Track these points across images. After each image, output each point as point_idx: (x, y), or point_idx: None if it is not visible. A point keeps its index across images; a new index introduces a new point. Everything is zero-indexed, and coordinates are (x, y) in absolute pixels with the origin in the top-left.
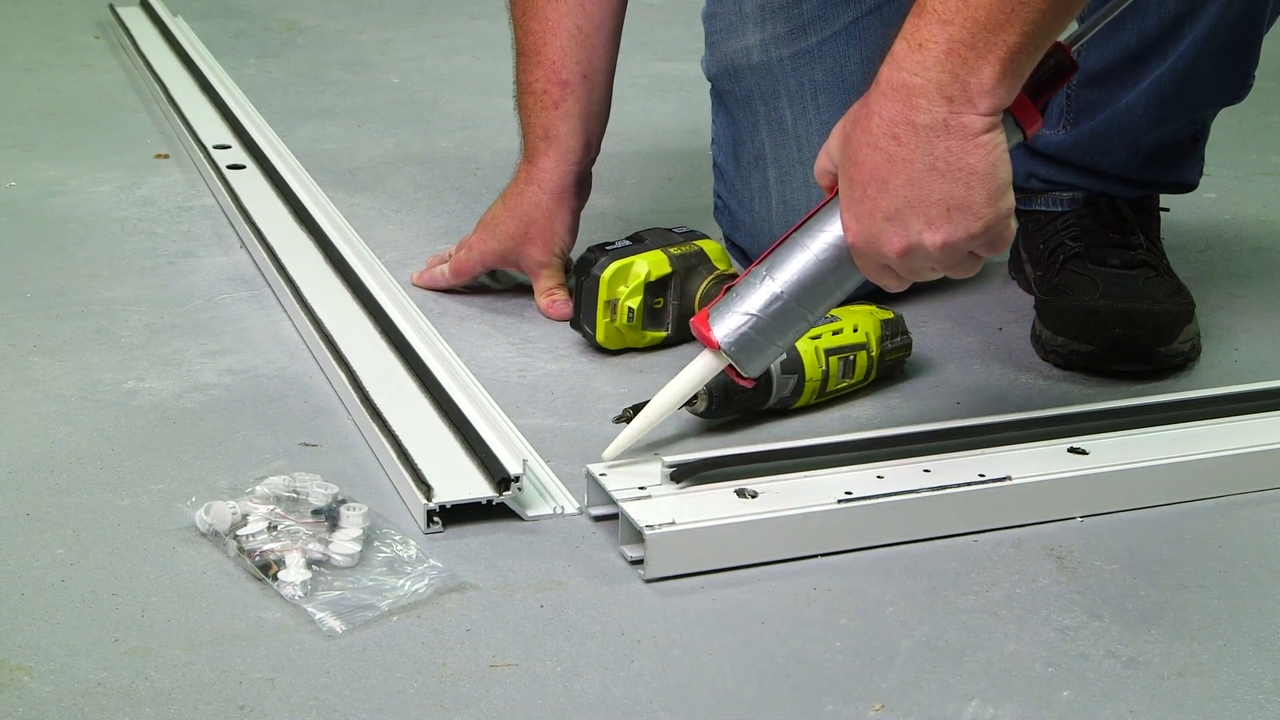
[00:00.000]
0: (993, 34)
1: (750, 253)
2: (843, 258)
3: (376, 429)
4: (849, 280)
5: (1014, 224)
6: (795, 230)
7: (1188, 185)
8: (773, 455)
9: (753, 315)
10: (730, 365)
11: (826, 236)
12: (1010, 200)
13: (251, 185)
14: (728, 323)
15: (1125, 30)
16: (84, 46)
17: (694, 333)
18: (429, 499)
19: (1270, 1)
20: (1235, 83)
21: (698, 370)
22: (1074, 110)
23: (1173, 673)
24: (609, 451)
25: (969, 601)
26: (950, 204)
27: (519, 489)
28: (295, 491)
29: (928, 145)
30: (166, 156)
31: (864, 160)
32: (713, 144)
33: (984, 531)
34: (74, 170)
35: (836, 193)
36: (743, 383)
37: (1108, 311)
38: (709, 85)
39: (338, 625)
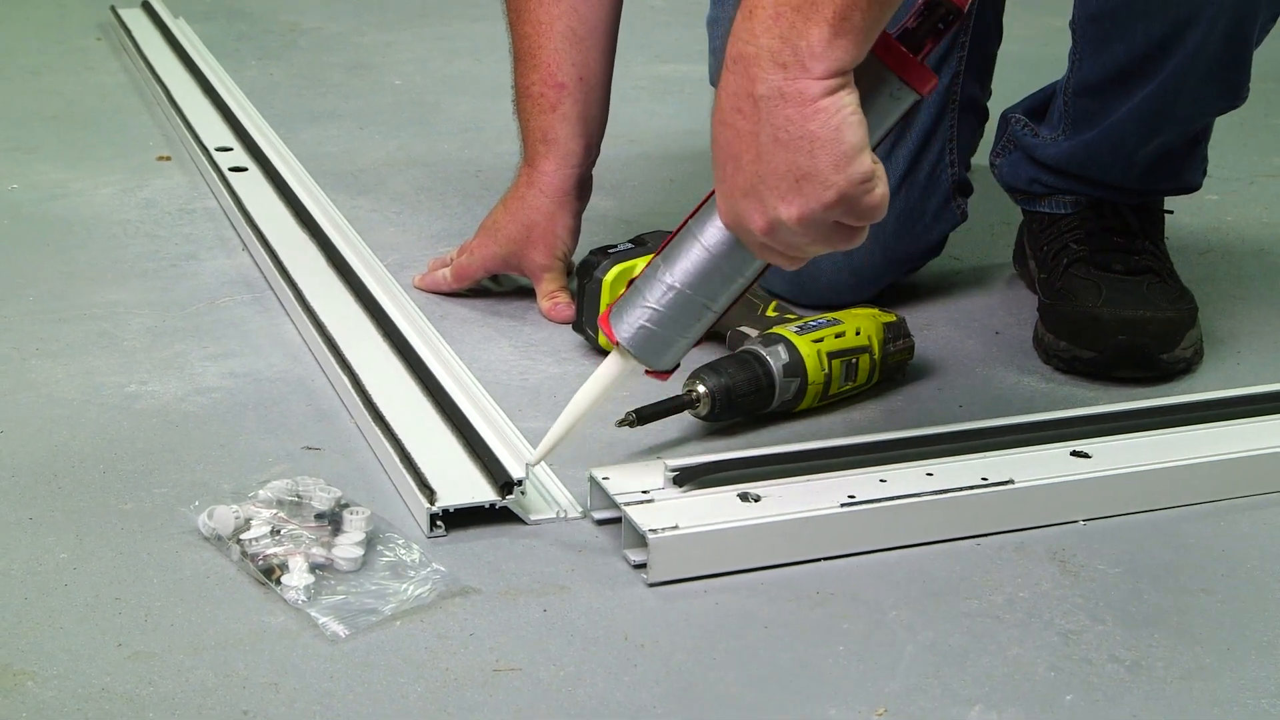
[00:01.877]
0: None
1: None
2: (731, 241)
3: (379, 432)
4: (747, 264)
5: (880, 189)
6: (688, 219)
7: (1190, 188)
8: (775, 459)
9: (650, 309)
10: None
11: (713, 221)
12: (864, 165)
13: (253, 188)
14: (628, 319)
15: (1115, 46)
16: (86, 48)
17: (601, 330)
18: (432, 503)
19: (1257, 20)
20: (1228, 95)
21: (606, 370)
22: (1071, 118)
23: (1176, 677)
24: (533, 457)
25: (972, 605)
26: (797, 174)
27: (522, 493)
28: (298, 495)
29: (768, 116)
30: (168, 159)
31: (719, 138)
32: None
33: (987, 535)
34: (76, 173)
35: None
36: (654, 376)
37: (1110, 318)
38: (712, 89)
39: (341, 630)
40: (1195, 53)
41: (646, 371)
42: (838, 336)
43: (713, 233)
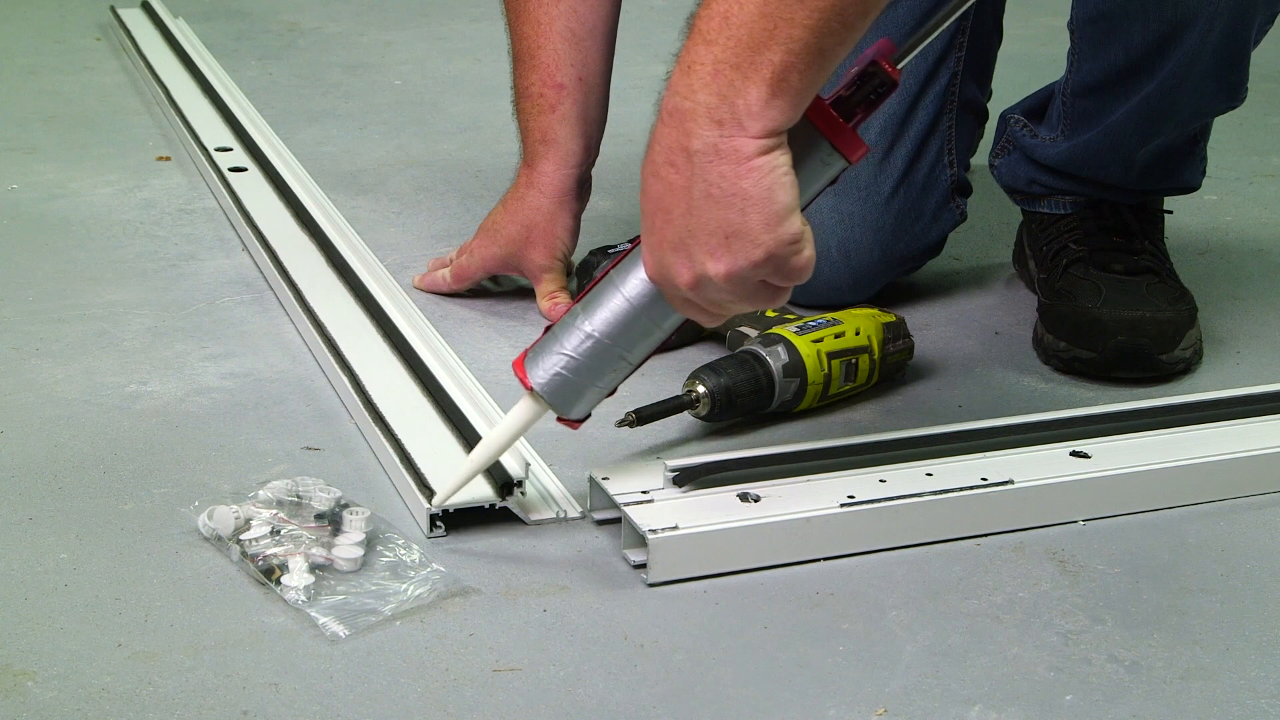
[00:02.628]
0: (756, 53)
1: None
2: (653, 294)
3: (379, 432)
4: (666, 317)
5: (807, 251)
6: (611, 267)
7: (1189, 188)
8: (775, 459)
9: (567, 356)
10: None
11: (636, 274)
12: (794, 226)
13: (253, 188)
14: (543, 365)
15: (1113, 48)
16: (85, 48)
17: (514, 375)
18: (431, 503)
19: (1255, 21)
20: (1226, 95)
21: (517, 415)
22: (1070, 119)
23: (1175, 677)
24: (438, 499)
25: (971, 606)
26: (727, 231)
27: (522, 493)
28: (298, 495)
29: (702, 171)
30: (168, 159)
31: (649, 190)
32: None
33: (986, 535)
34: (76, 173)
35: None
36: (565, 424)
37: (1110, 319)
38: None
39: (340, 630)
40: (1194, 53)
41: (558, 419)
42: (837, 337)
43: (635, 284)
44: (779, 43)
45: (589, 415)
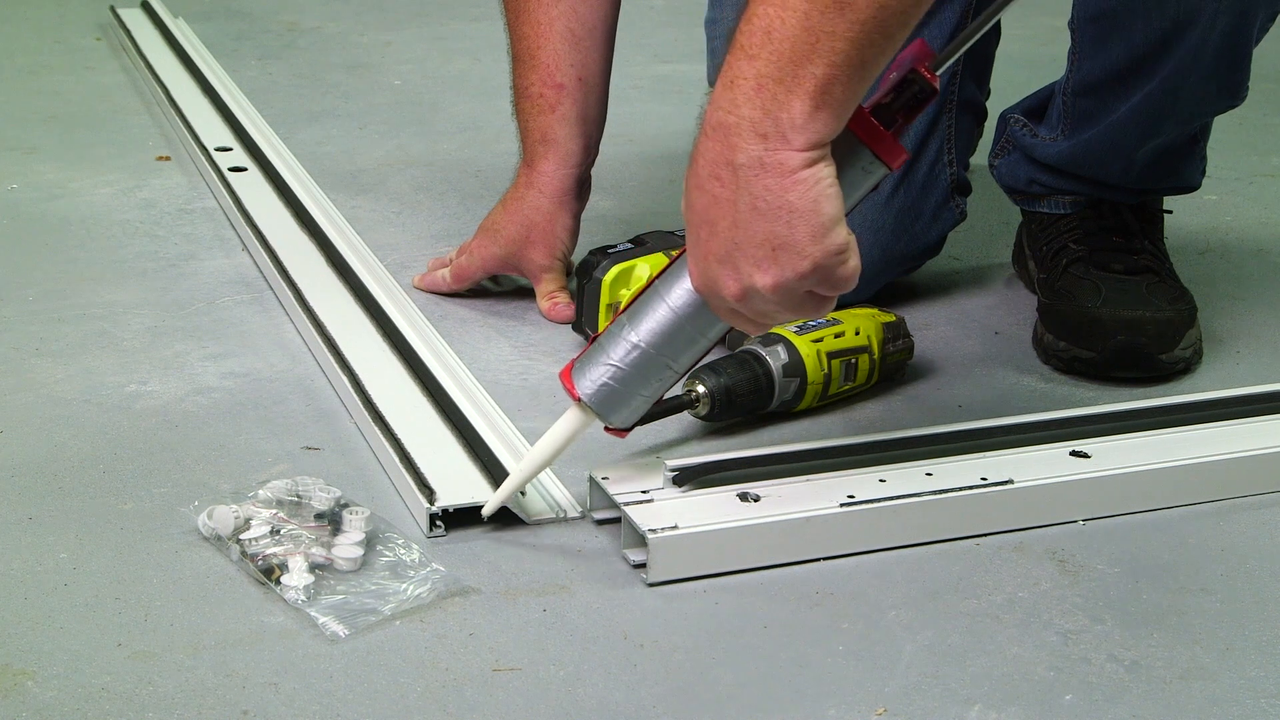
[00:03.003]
0: (799, 67)
1: None
2: (698, 304)
3: (379, 432)
4: (711, 327)
5: (853, 261)
6: (656, 278)
7: (1189, 187)
8: (775, 459)
9: (614, 366)
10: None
11: (681, 284)
12: (840, 237)
13: (253, 188)
14: (590, 375)
15: (1114, 47)
16: (85, 48)
17: (561, 385)
18: (431, 502)
19: (1256, 20)
20: (1227, 94)
21: (565, 425)
22: (1070, 118)
23: (1175, 676)
24: (488, 508)
25: (971, 605)
26: (774, 244)
27: (522, 493)
28: (298, 495)
29: (748, 185)
30: (168, 159)
31: (694, 203)
32: None
33: (986, 535)
34: (75, 173)
35: None
36: (613, 434)
37: (1110, 319)
38: (710, 88)
39: (340, 629)
40: (1195, 52)
41: (605, 428)
42: (837, 336)
43: (680, 294)
44: (821, 55)
45: (636, 425)
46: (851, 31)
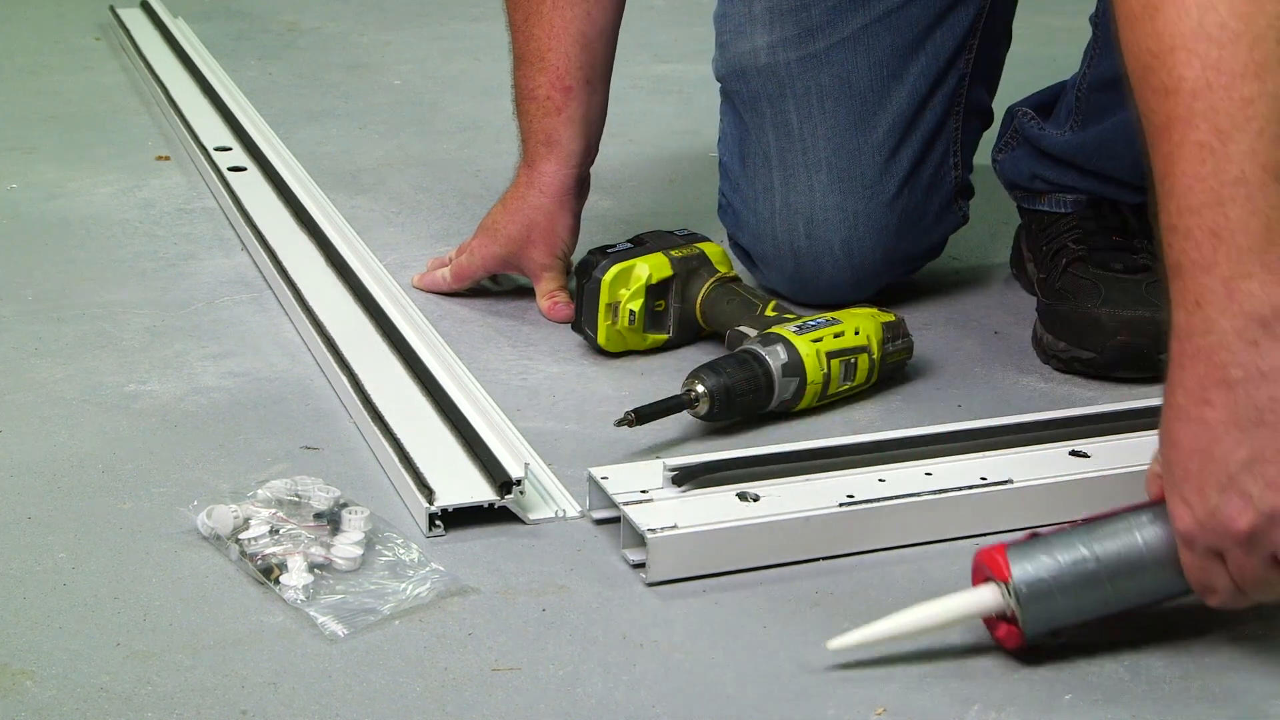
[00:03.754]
0: (1264, 253)
1: (753, 254)
2: (1171, 556)
3: (378, 432)
4: (1169, 586)
5: None
6: (1126, 510)
7: None
8: (774, 458)
9: (1059, 566)
10: (1011, 612)
11: (1161, 526)
12: None
13: (252, 187)
14: (1028, 565)
15: None
16: (85, 48)
17: (979, 560)
18: (431, 502)
19: None
20: None
21: (975, 599)
22: (1083, 112)
23: (1175, 676)
24: (838, 643)
25: None
26: None
27: (521, 492)
28: (297, 495)
29: (1246, 398)
30: (167, 159)
31: (1179, 438)
32: (719, 143)
33: (986, 535)
34: (75, 172)
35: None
36: (1014, 641)
37: (1109, 319)
38: (712, 86)
39: (340, 629)
40: None
41: (997, 632)
42: (836, 336)
43: (1155, 533)
44: (1274, 233)
45: (1036, 639)
46: None
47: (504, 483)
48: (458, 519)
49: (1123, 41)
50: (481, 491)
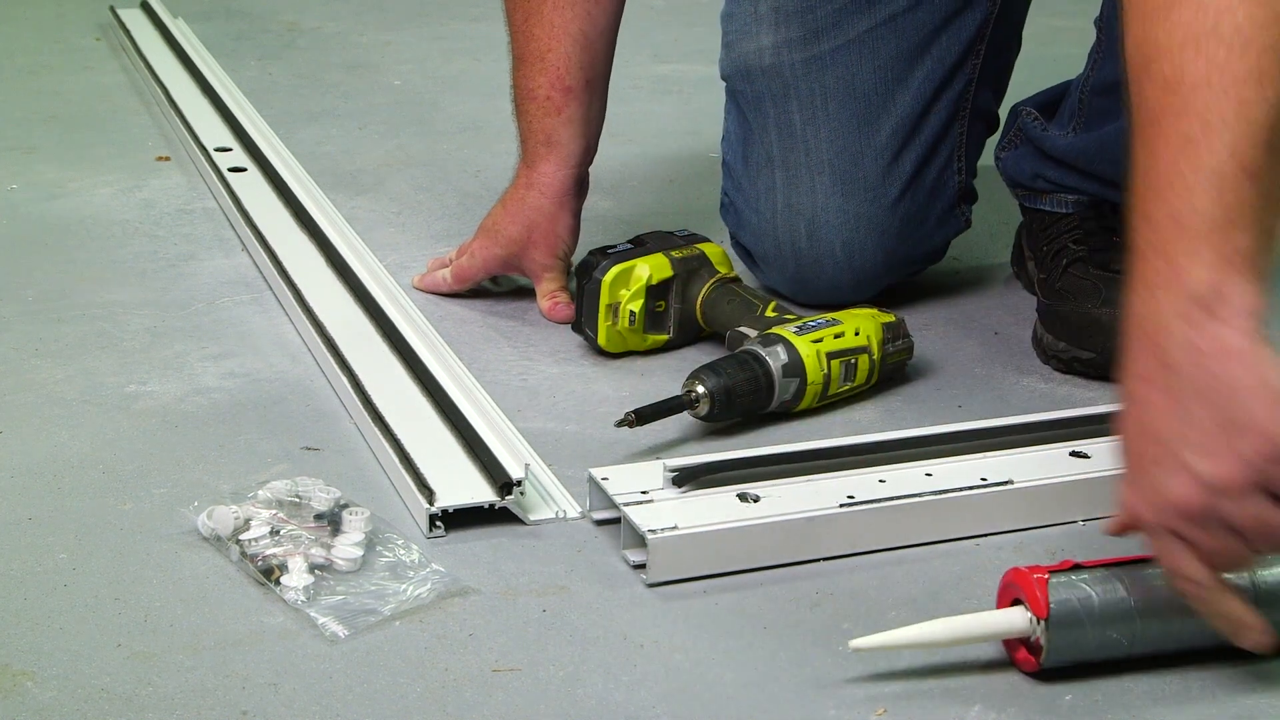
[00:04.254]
0: (1221, 243)
1: (755, 253)
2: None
3: (378, 433)
4: (1191, 627)
5: None
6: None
7: None
8: (774, 459)
9: (1089, 594)
10: (1035, 640)
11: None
12: None
13: (253, 188)
14: (1058, 593)
15: None
16: (84, 48)
17: (1013, 579)
18: (431, 503)
19: None
20: None
21: (1003, 619)
22: (1085, 115)
23: (1175, 676)
24: (858, 642)
25: (971, 605)
26: (1223, 424)
27: (521, 493)
28: (297, 496)
29: (1187, 379)
30: (167, 159)
31: (1128, 423)
32: (723, 142)
33: (986, 535)
34: (75, 173)
35: None
36: (1028, 661)
37: (1110, 319)
38: (713, 86)
39: (340, 630)
40: None
41: (1034, 662)
42: (837, 337)
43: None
44: (1239, 226)
45: (1050, 667)
46: (1259, 199)
47: (504, 483)
48: (458, 520)
49: (1130, 32)
50: (482, 492)
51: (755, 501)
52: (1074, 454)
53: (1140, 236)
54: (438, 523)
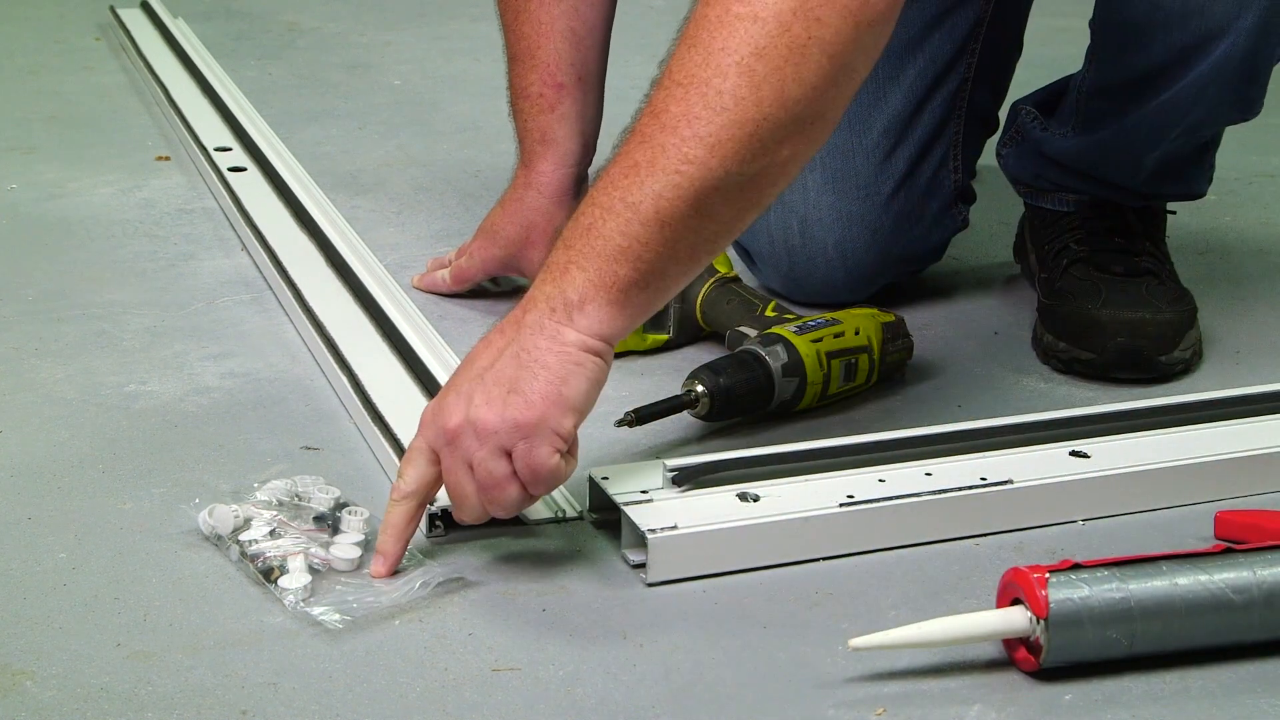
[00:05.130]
0: (606, 264)
1: (750, 250)
2: (1204, 608)
3: (378, 432)
4: (1192, 627)
5: (562, 465)
6: (1162, 557)
7: (1195, 194)
8: (774, 459)
9: (1088, 593)
10: (1034, 640)
11: (1199, 577)
12: (570, 422)
13: (252, 188)
14: (1058, 593)
15: (1134, 55)
16: (85, 48)
17: (1013, 579)
18: (431, 503)
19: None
20: (1241, 108)
21: (1005, 619)
22: (1083, 116)
23: (1175, 677)
24: (857, 641)
25: (971, 605)
26: (512, 386)
27: None
28: (297, 495)
29: (521, 339)
30: (167, 159)
31: (473, 353)
32: None
33: (985, 535)
34: (75, 173)
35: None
36: (1027, 662)
37: (1110, 320)
38: None
39: (338, 619)
40: (1217, 67)
41: (1016, 653)
42: (837, 336)
43: (1189, 581)
44: (629, 260)
45: (1055, 666)
46: (664, 247)
47: None
48: None
49: (680, 36)
50: None
51: (755, 501)
52: (1074, 454)
53: (574, 221)
54: (437, 522)
